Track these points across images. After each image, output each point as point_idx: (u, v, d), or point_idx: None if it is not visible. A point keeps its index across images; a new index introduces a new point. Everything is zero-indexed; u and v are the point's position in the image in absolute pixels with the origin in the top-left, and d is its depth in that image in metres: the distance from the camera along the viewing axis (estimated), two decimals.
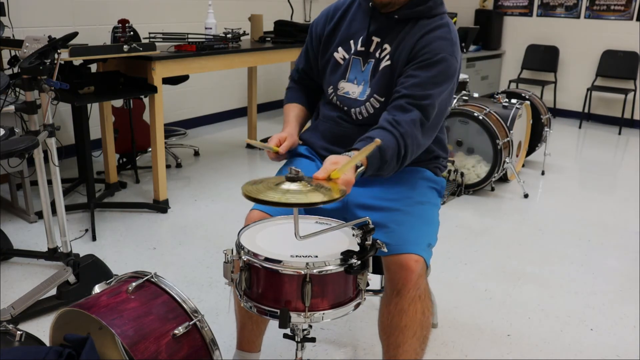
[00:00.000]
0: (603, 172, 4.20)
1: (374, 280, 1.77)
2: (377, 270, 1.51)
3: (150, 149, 3.78)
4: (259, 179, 1.28)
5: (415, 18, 1.53)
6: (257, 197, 1.13)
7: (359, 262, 1.21)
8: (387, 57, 1.55)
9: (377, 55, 1.57)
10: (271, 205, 1.14)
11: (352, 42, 1.62)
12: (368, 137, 1.40)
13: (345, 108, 1.62)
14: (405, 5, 1.53)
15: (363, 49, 1.59)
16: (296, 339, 1.32)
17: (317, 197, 1.15)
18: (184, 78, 3.94)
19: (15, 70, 2.89)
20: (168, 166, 3.92)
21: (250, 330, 1.67)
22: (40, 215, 2.95)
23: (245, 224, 1.51)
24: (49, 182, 2.17)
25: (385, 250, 1.35)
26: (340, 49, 1.63)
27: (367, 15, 1.60)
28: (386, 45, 1.56)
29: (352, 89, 1.60)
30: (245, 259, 1.24)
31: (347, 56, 1.62)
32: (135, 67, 3.02)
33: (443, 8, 1.57)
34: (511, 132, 3.49)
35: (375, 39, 1.58)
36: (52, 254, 2.30)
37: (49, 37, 2.01)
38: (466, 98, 3.74)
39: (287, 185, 1.19)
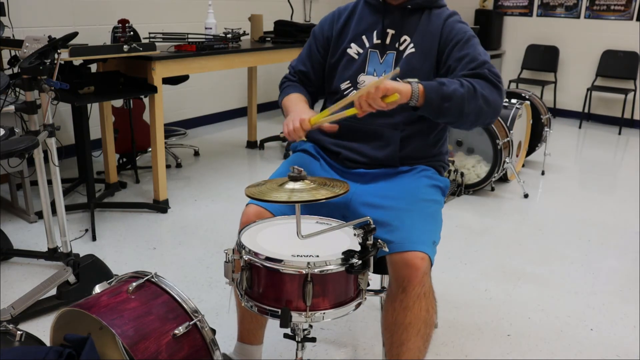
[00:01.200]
0: (603, 172, 4.20)
1: (375, 280, 1.77)
2: (378, 270, 1.51)
3: (150, 149, 3.78)
4: (261, 180, 1.29)
5: (426, 8, 1.62)
6: (262, 198, 1.14)
7: (360, 261, 1.21)
8: (412, 46, 1.60)
9: (396, 46, 1.62)
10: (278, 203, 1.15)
11: (364, 37, 1.66)
12: (437, 81, 1.44)
13: None
14: None
15: (379, 41, 1.64)
16: (297, 339, 1.32)
17: (322, 194, 1.15)
18: (184, 78, 3.94)
19: (15, 70, 2.89)
20: (168, 166, 3.92)
21: (249, 322, 1.68)
22: (40, 215, 2.95)
23: (242, 220, 1.52)
24: (49, 182, 2.17)
25: (387, 249, 1.35)
26: (353, 44, 1.67)
27: (377, 12, 1.66)
28: (405, 37, 1.62)
29: (373, 80, 1.62)
30: (246, 259, 1.24)
31: (362, 50, 1.66)
32: (135, 67, 3.02)
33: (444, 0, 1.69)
34: (511, 132, 3.49)
35: (390, 32, 1.63)
36: (52, 254, 2.30)
37: (49, 37, 2.01)
38: None
39: (291, 185, 1.19)
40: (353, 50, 1.67)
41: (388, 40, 1.63)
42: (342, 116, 1.41)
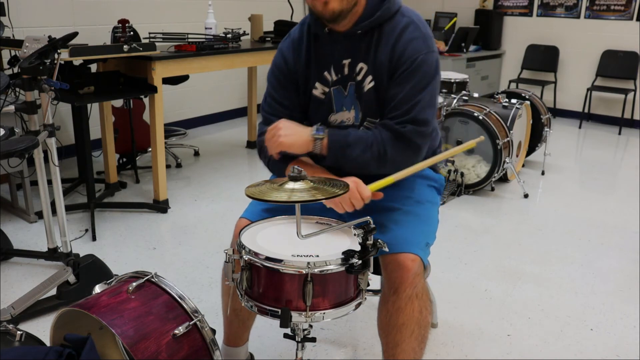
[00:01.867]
0: (603, 172, 4.20)
1: (375, 280, 1.77)
2: (378, 270, 1.51)
3: (150, 149, 3.78)
4: (261, 180, 1.29)
5: (377, 26, 1.47)
6: (262, 198, 1.14)
7: (360, 261, 1.21)
8: (370, 78, 1.50)
9: (354, 76, 1.52)
10: (278, 203, 1.15)
11: (326, 73, 1.55)
12: (346, 141, 1.45)
13: None
14: (362, 16, 1.46)
15: (339, 76, 1.54)
16: (296, 339, 1.32)
17: (321, 194, 1.15)
18: (184, 78, 3.94)
19: (15, 70, 2.89)
20: (168, 166, 3.92)
21: (236, 327, 1.69)
22: (40, 215, 2.94)
23: (235, 232, 1.50)
24: (49, 182, 2.17)
25: (387, 249, 1.35)
26: (317, 84, 1.57)
27: (328, 42, 1.54)
28: (361, 65, 1.50)
29: (345, 116, 1.56)
30: (246, 259, 1.24)
31: (327, 89, 1.56)
32: (135, 67, 3.02)
33: (398, 2, 1.49)
34: (511, 132, 3.49)
35: (346, 62, 1.52)
36: (52, 254, 2.30)
37: (49, 37, 2.01)
38: (466, 98, 3.74)
39: (291, 185, 1.19)
40: (319, 90, 1.57)
41: (346, 71, 1.52)
42: (403, 175, 1.43)
